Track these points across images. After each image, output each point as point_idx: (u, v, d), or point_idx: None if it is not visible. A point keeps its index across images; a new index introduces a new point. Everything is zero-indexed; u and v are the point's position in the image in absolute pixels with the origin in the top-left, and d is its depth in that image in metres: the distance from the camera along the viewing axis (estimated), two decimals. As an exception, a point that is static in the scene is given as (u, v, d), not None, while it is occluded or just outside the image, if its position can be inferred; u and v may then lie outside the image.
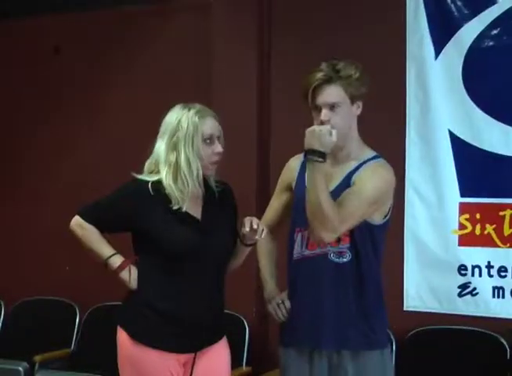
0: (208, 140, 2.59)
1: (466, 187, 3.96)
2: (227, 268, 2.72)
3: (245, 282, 3.86)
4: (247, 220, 2.60)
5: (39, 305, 4.85)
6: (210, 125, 2.58)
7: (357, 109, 2.68)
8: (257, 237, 2.59)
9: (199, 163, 2.57)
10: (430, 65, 4.01)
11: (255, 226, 2.56)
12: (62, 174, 4.96)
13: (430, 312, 4.03)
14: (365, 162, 2.65)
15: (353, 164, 2.65)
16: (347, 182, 2.63)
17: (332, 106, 2.60)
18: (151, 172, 2.62)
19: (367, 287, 2.66)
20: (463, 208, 3.96)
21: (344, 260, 2.63)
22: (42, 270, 4.94)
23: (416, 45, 4.04)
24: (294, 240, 2.71)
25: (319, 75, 2.60)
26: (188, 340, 2.61)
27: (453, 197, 3.99)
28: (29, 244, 5.02)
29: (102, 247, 2.62)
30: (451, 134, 3.98)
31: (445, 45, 3.97)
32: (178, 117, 2.58)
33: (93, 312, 4.67)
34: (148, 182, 2.57)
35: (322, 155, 2.49)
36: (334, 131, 2.51)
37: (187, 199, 2.59)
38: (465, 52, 3.94)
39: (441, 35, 3.98)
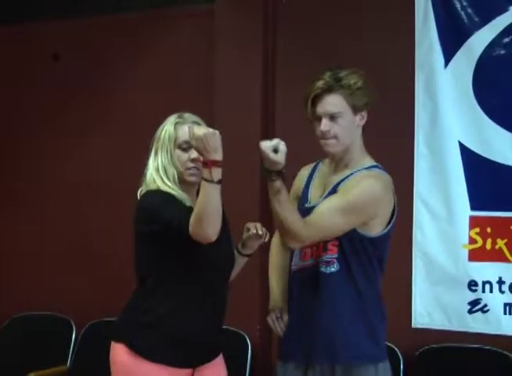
0: (184, 147, 2.65)
1: (477, 200, 3.94)
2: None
3: (248, 298, 3.89)
4: (252, 225, 2.66)
5: (33, 321, 4.83)
6: (187, 132, 2.59)
7: (361, 119, 2.69)
8: (261, 241, 2.65)
9: (174, 170, 2.64)
10: (440, 74, 3.99)
11: (260, 231, 2.62)
12: (59, 184, 4.94)
13: (439, 330, 4.01)
14: (358, 171, 2.67)
15: (347, 173, 2.68)
16: (334, 191, 2.67)
17: (332, 116, 2.62)
18: (147, 186, 2.69)
19: (360, 300, 2.65)
20: (474, 222, 3.94)
21: (332, 270, 2.65)
22: (36, 283, 4.91)
23: (424, 53, 4.03)
24: (293, 251, 2.76)
25: (320, 84, 2.62)
26: (190, 355, 2.64)
27: (463, 210, 3.97)
28: (22, 255, 5.01)
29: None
30: (461, 145, 3.97)
31: (454, 53, 3.96)
32: (162, 126, 2.70)
33: (90, 328, 4.64)
34: (161, 190, 2.64)
35: (270, 173, 2.49)
36: (282, 147, 2.47)
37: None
38: (475, 60, 3.92)
39: (451, 43, 3.97)
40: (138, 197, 2.68)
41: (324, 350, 2.65)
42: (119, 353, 2.63)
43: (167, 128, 2.68)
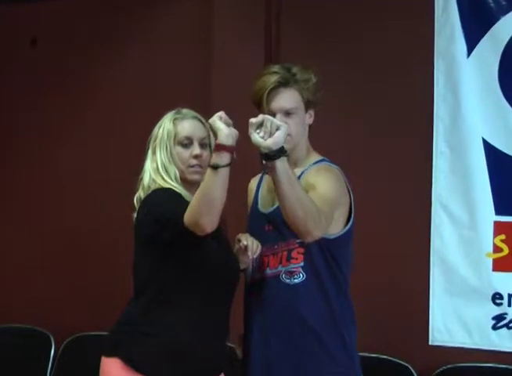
0: (185, 143, 2.70)
1: (502, 204, 3.91)
2: None
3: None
4: (243, 236, 2.69)
5: (8, 334, 4.80)
6: (187, 127, 2.69)
7: (309, 118, 2.76)
8: (249, 255, 2.65)
9: (175, 168, 2.68)
10: (462, 63, 3.97)
11: (250, 243, 2.65)
12: (41, 188, 4.91)
13: (459, 348, 3.99)
14: (306, 170, 2.73)
15: (299, 172, 2.72)
16: None
17: (287, 113, 2.67)
18: (147, 188, 2.71)
19: (330, 311, 2.67)
20: (499, 228, 3.91)
21: (296, 281, 2.65)
22: (13, 293, 4.89)
23: (445, 40, 3.99)
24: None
25: (275, 78, 2.66)
26: (192, 371, 2.64)
27: (487, 215, 3.93)
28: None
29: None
30: (485, 143, 3.94)
31: (478, 40, 3.93)
32: (159, 123, 2.75)
33: (70, 343, 4.63)
34: (164, 187, 2.66)
35: (270, 155, 2.49)
36: (269, 122, 2.49)
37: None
38: (502, 48, 3.89)
39: (475, 30, 3.93)
40: (136, 204, 2.70)
41: (291, 370, 2.66)
42: (113, 369, 2.62)
43: (165, 124, 2.72)
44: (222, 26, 4.36)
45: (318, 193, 2.60)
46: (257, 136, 2.46)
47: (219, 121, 2.46)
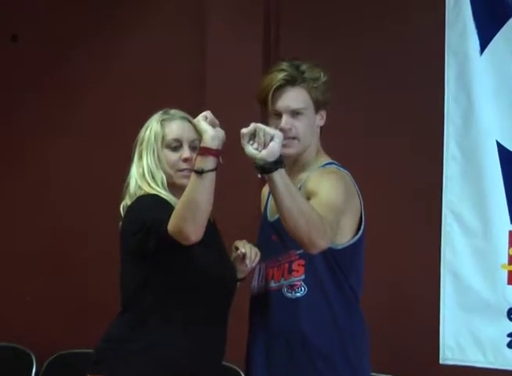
0: (174, 145, 2.67)
1: None
2: None
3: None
4: (240, 243, 2.67)
5: None
6: (176, 128, 2.67)
7: (320, 119, 2.74)
8: (247, 264, 2.64)
9: (162, 173, 2.66)
10: (475, 61, 3.91)
11: (248, 251, 2.63)
12: (18, 191, 4.86)
13: (472, 367, 3.94)
14: (312, 172, 2.72)
15: (304, 177, 2.71)
16: None
17: (295, 113, 2.66)
18: (131, 195, 2.69)
19: (337, 330, 2.64)
20: None
21: (298, 295, 2.63)
22: None
23: (457, 37, 3.94)
24: (253, 274, 2.77)
25: (282, 75, 2.65)
26: None
27: (502, 223, 3.88)
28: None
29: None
30: (499, 146, 3.89)
31: (492, 36, 3.87)
32: (146, 125, 2.73)
33: (53, 362, 4.59)
34: (150, 193, 2.65)
35: (266, 167, 2.46)
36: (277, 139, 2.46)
37: None
38: None
39: (489, 25, 3.88)
40: (122, 212, 2.68)
41: None
42: None
43: (152, 126, 2.70)
44: (217, 18, 4.33)
45: (320, 199, 2.56)
46: (250, 148, 2.43)
47: (204, 122, 2.44)
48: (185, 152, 2.64)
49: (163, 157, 2.66)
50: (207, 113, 2.47)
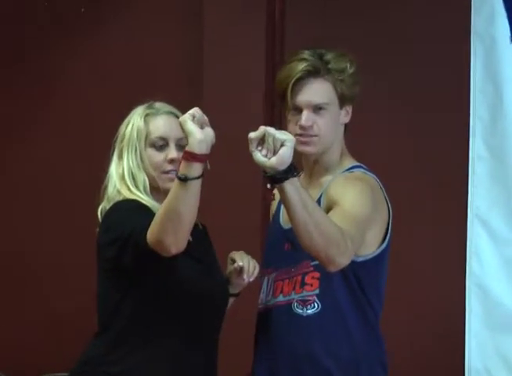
0: (159, 144, 2.59)
1: None
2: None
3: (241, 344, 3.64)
4: (237, 255, 2.63)
5: None
6: (162, 125, 2.59)
7: (345, 115, 2.66)
8: (245, 278, 2.60)
9: (145, 175, 2.59)
10: (504, 49, 3.85)
11: (246, 264, 2.59)
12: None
13: None
14: (335, 177, 2.68)
15: (329, 178, 2.66)
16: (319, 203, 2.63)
17: (317, 108, 2.59)
18: (108, 200, 2.63)
19: (354, 351, 2.58)
20: None
21: (310, 312, 2.56)
22: None
23: (484, 22, 3.87)
24: (261, 286, 2.72)
25: (303, 66, 2.58)
26: None
27: None
28: None
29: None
30: None
31: None
32: (127, 120, 2.65)
33: None
34: (129, 199, 2.61)
35: (277, 177, 2.38)
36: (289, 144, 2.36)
37: None
38: None
39: None
40: (100, 217, 2.61)
41: None
42: None
43: (135, 121, 2.62)
44: (214, 3, 4.27)
45: (344, 210, 2.48)
46: (259, 155, 2.33)
47: (191, 122, 2.32)
48: (172, 152, 2.56)
49: (146, 157, 2.58)
50: (195, 112, 2.35)
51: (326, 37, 3.95)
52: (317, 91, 2.58)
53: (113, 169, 2.62)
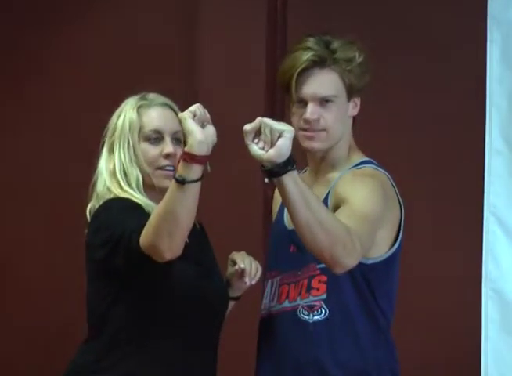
0: (154, 138, 2.56)
1: None
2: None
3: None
4: (239, 256, 2.60)
5: None
6: (156, 117, 2.57)
7: (353, 108, 2.62)
8: (246, 281, 2.57)
9: (138, 171, 2.56)
10: None
11: (247, 266, 2.56)
12: None
13: None
14: (343, 173, 2.64)
15: (336, 175, 2.63)
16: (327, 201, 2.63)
17: (323, 101, 2.55)
18: (97, 198, 2.59)
19: (362, 360, 2.55)
20: None
21: (317, 318, 2.53)
22: None
23: (502, 4, 3.82)
24: (264, 290, 2.70)
25: (308, 55, 2.54)
26: None
27: None
28: None
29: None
30: None
31: None
32: (118, 112, 2.62)
33: None
34: (120, 197, 2.58)
35: (292, 161, 2.37)
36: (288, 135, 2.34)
37: None
38: None
39: None
40: (89, 217, 2.59)
41: None
42: None
43: (127, 113, 2.60)
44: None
45: (352, 208, 2.44)
46: (255, 148, 2.30)
47: (191, 121, 2.28)
48: (168, 146, 2.53)
49: (139, 152, 2.55)
50: (197, 108, 2.30)
51: (331, 25, 3.67)
52: (323, 82, 2.54)
53: (103, 165, 2.60)
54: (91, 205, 2.59)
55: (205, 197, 2.39)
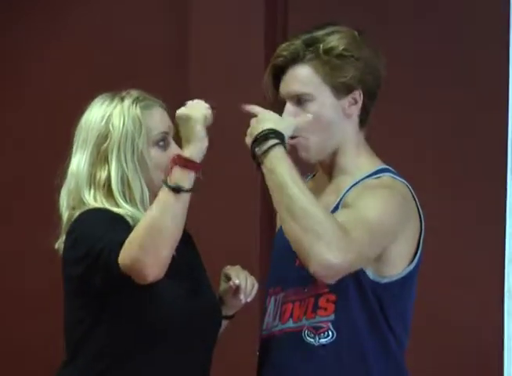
0: (162, 142, 2.48)
1: None
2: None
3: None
4: (233, 271, 2.55)
5: None
6: (160, 119, 2.48)
7: (351, 104, 2.41)
8: (242, 299, 2.51)
9: (142, 181, 2.45)
10: None
11: (243, 282, 2.51)
12: None
13: None
14: (357, 183, 2.46)
15: (349, 183, 2.47)
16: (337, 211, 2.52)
17: (301, 100, 2.41)
18: (73, 209, 2.47)
19: None
20: None
21: (323, 341, 2.44)
22: None
23: None
24: (266, 308, 2.58)
25: (284, 52, 2.43)
26: None
27: None
28: None
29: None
30: None
31: None
32: (107, 114, 2.47)
33: None
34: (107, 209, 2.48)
35: (279, 135, 2.33)
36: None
37: None
38: None
39: None
40: (65, 228, 2.51)
41: None
42: None
43: (128, 115, 2.48)
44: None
45: (356, 213, 2.32)
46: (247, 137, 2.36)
47: (202, 126, 2.29)
48: (175, 148, 2.44)
49: (148, 159, 2.45)
50: (208, 112, 2.29)
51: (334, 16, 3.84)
52: (296, 79, 2.40)
53: (83, 173, 2.46)
54: (68, 215, 2.51)
55: (195, 202, 2.33)
